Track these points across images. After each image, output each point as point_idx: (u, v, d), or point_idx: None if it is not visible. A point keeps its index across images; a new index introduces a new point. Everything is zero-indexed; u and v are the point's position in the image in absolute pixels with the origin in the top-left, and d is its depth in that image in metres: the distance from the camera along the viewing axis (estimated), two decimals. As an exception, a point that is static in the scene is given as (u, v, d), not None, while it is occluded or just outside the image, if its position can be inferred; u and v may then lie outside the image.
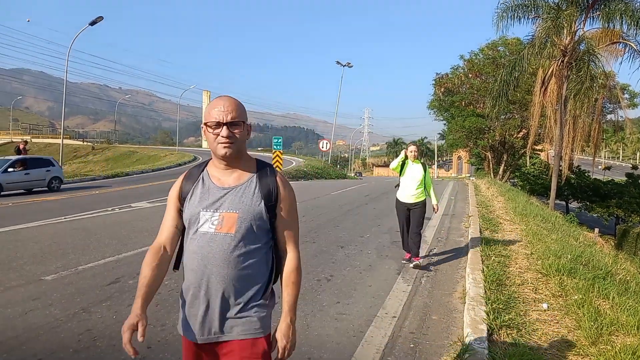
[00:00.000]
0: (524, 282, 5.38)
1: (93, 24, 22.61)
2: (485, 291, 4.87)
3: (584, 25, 18.87)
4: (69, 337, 3.74)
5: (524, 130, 30.99)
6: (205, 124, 1.78)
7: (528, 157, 31.05)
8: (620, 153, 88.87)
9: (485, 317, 4.09)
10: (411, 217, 6.51)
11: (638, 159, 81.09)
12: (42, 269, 5.74)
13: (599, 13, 18.35)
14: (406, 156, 6.48)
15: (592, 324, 3.98)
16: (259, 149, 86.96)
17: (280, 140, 28.42)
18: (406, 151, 6.51)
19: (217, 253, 1.72)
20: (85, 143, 60.18)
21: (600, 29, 19.12)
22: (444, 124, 40.79)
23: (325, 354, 3.59)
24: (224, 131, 1.73)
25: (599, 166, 54.57)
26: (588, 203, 30.97)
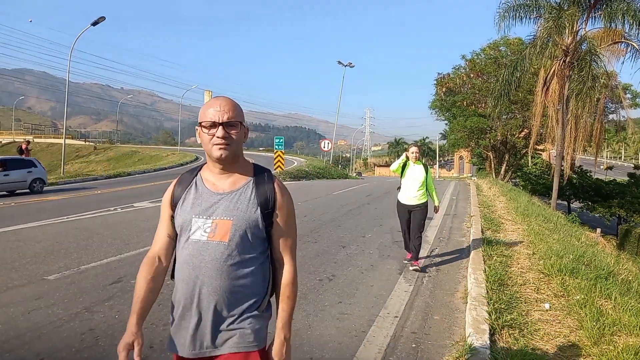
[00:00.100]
0: (526, 282, 5.38)
1: (95, 24, 22.64)
2: (487, 291, 4.87)
3: (585, 25, 18.85)
4: (72, 337, 3.75)
5: (525, 130, 30.95)
6: (199, 124, 1.69)
7: (530, 157, 31.03)
8: (622, 153, 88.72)
9: (487, 317, 4.09)
10: (412, 220, 6.39)
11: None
12: (45, 268, 5.75)
13: (600, 13, 18.33)
14: (407, 157, 6.39)
15: (594, 324, 3.98)
16: (261, 149, 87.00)
17: (281, 140, 28.45)
18: (407, 153, 6.41)
19: (210, 262, 1.62)
20: (87, 143, 60.28)
21: (602, 29, 19.10)
22: (446, 124, 40.76)
23: (327, 353, 3.59)
24: (219, 132, 1.63)
25: (601, 166, 54.47)
26: (590, 203, 30.89)
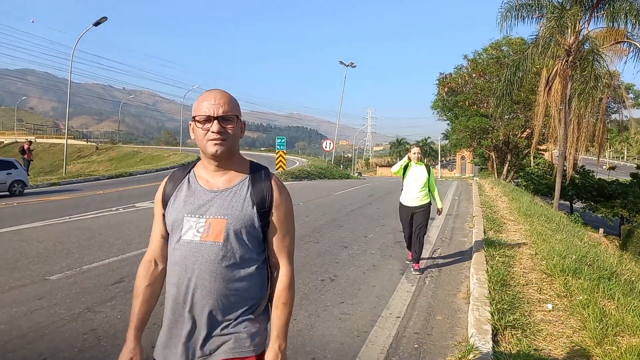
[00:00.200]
0: (528, 283, 5.36)
1: (97, 24, 22.66)
2: (490, 291, 4.86)
3: (588, 24, 18.83)
4: (74, 337, 3.76)
5: (527, 130, 30.88)
6: (193, 119, 1.59)
7: (532, 157, 30.97)
8: (625, 153, 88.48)
9: (489, 318, 4.09)
10: (414, 221, 6.29)
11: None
12: (47, 268, 5.76)
13: (603, 12, 18.29)
14: (409, 159, 6.31)
15: (597, 324, 3.97)
16: (262, 149, 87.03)
17: (283, 140, 28.46)
18: (409, 154, 6.33)
19: (203, 264, 1.53)
20: (89, 143, 60.31)
21: (604, 29, 19.06)
22: (448, 124, 40.71)
23: (329, 354, 3.59)
24: (214, 126, 1.54)
25: (604, 166, 54.33)
26: (592, 203, 30.80)
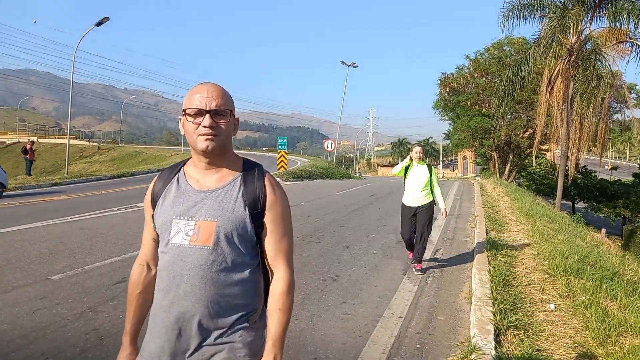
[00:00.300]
0: (530, 283, 5.36)
1: (99, 24, 22.69)
2: (492, 291, 4.85)
3: (590, 24, 18.77)
4: (76, 336, 3.76)
5: (529, 130, 30.85)
6: (184, 112, 1.50)
7: (534, 157, 30.97)
8: (627, 153, 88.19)
9: (492, 318, 4.08)
10: (417, 221, 6.19)
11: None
12: (49, 268, 5.76)
13: (605, 12, 18.23)
14: (411, 159, 6.23)
15: (600, 324, 3.96)
16: (264, 149, 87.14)
17: (285, 140, 28.47)
18: (411, 154, 6.26)
19: (192, 270, 1.44)
20: (91, 143, 60.44)
21: (606, 28, 19.01)
22: (449, 124, 40.73)
23: (332, 354, 3.59)
24: (206, 120, 1.45)
25: (606, 166, 54.17)
26: (594, 203, 30.76)
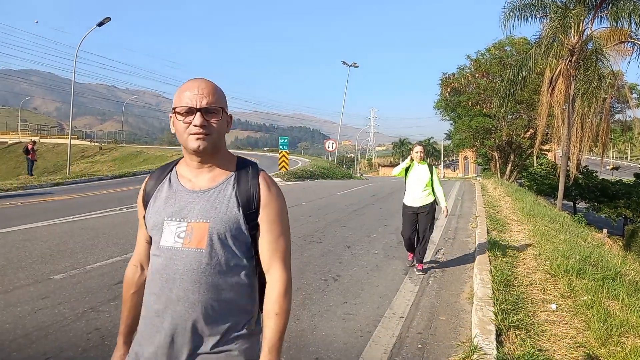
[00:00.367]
0: (532, 283, 5.35)
1: (101, 24, 22.71)
2: (493, 292, 4.85)
3: (591, 24, 18.76)
4: (78, 336, 3.77)
5: (531, 130, 30.82)
6: (174, 110, 1.44)
7: (535, 157, 30.91)
8: (629, 153, 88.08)
9: (493, 318, 4.08)
10: (419, 222, 6.15)
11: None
12: (51, 268, 5.77)
13: (607, 12, 18.22)
14: (412, 159, 6.18)
15: (602, 325, 3.96)
16: (265, 149, 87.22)
17: (286, 140, 28.48)
18: (412, 153, 6.22)
19: (185, 274, 1.39)
20: (92, 143, 60.50)
21: (608, 28, 18.99)
22: (451, 124, 40.72)
23: (333, 354, 3.59)
24: (197, 119, 1.40)
25: (607, 166, 54.15)
26: (596, 203, 30.76)
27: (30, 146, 24.07)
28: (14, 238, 7.60)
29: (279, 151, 28.18)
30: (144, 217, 1.53)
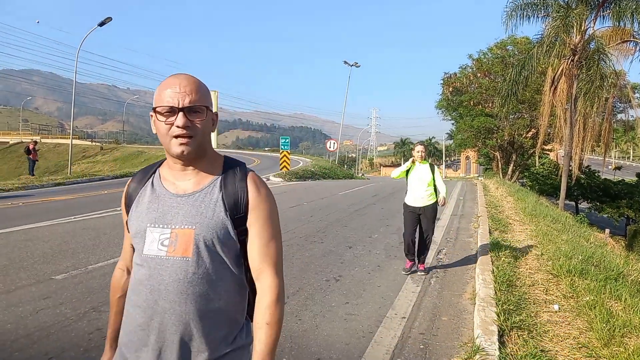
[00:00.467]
0: (534, 283, 5.34)
1: (102, 24, 22.72)
2: (496, 292, 4.84)
3: (594, 23, 18.73)
4: (80, 336, 3.76)
5: (533, 129, 30.80)
6: (154, 110, 1.34)
7: (537, 157, 30.84)
8: (631, 153, 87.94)
9: (495, 318, 4.06)
10: (422, 222, 6.11)
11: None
12: (53, 268, 5.77)
13: (609, 12, 18.21)
14: (413, 162, 6.09)
15: (604, 325, 3.94)
16: (266, 149, 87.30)
17: (287, 140, 28.50)
18: (413, 152, 6.18)
19: (171, 284, 1.30)
20: (93, 143, 60.60)
21: (610, 28, 18.97)
22: (452, 124, 40.62)
23: (335, 354, 3.58)
24: (179, 119, 1.30)
25: (609, 166, 54.04)
26: (598, 203, 30.68)
27: (31, 146, 24.11)
28: (16, 238, 7.60)
29: (280, 151, 28.20)
30: (127, 223, 1.46)
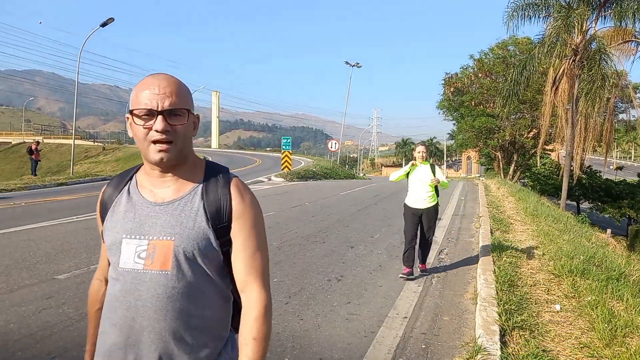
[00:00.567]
0: (536, 283, 5.34)
1: (104, 25, 22.75)
2: (497, 292, 4.84)
3: (595, 24, 18.73)
4: (82, 336, 3.75)
5: (534, 130, 30.77)
6: (131, 113, 1.24)
7: (538, 157, 30.81)
8: (632, 153, 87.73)
9: (497, 318, 4.07)
10: (423, 222, 6.00)
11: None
12: (55, 268, 5.79)
13: (610, 12, 18.20)
14: (413, 165, 5.92)
15: (606, 325, 3.94)
16: (268, 149, 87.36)
17: (289, 140, 28.55)
18: (414, 152, 6.03)
19: (149, 300, 1.21)
20: (96, 143, 60.73)
21: (612, 28, 18.97)
22: (454, 124, 40.62)
23: (337, 354, 3.59)
24: (158, 123, 1.20)
25: (611, 166, 53.90)
26: (599, 203, 30.62)
27: (33, 146, 24.17)
28: (18, 238, 7.62)
29: (282, 151, 28.24)
30: (102, 233, 1.36)
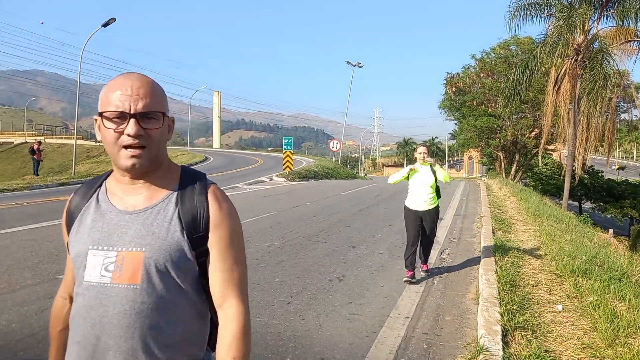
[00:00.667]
0: (538, 283, 5.33)
1: (106, 25, 22.77)
2: (499, 292, 4.83)
3: (597, 23, 18.68)
4: (84, 336, 3.78)
5: (536, 129, 30.72)
6: (100, 115, 1.15)
7: (540, 157, 30.79)
8: (634, 153, 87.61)
9: (499, 318, 4.06)
10: (424, 224, 5.89)
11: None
12: (57, 267, 5.79)
13: (612, 11, 18.14)
14: (413, 169, 5.79)
15: (609, 325, 3.93)
16: (269, 149, 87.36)
17: (290, 140, 28.56)
18: (415, 153, 5.93)
19: (116, 316, 1.11)
20: (97, 143, 60.64)
21: (614, 28, 18.94)
22: (455, 124, 40.65)
23: (338, 354, 3.59)
24: (131, 127, 1.11)
25: (613, 166, 53.81)
26: (601, 203, 30.56)
27: (36, 146, 24.21)
28: (20, 238, 7.63)
29: (283, 151, 28.24)
30: (67, 244, 1.25)
